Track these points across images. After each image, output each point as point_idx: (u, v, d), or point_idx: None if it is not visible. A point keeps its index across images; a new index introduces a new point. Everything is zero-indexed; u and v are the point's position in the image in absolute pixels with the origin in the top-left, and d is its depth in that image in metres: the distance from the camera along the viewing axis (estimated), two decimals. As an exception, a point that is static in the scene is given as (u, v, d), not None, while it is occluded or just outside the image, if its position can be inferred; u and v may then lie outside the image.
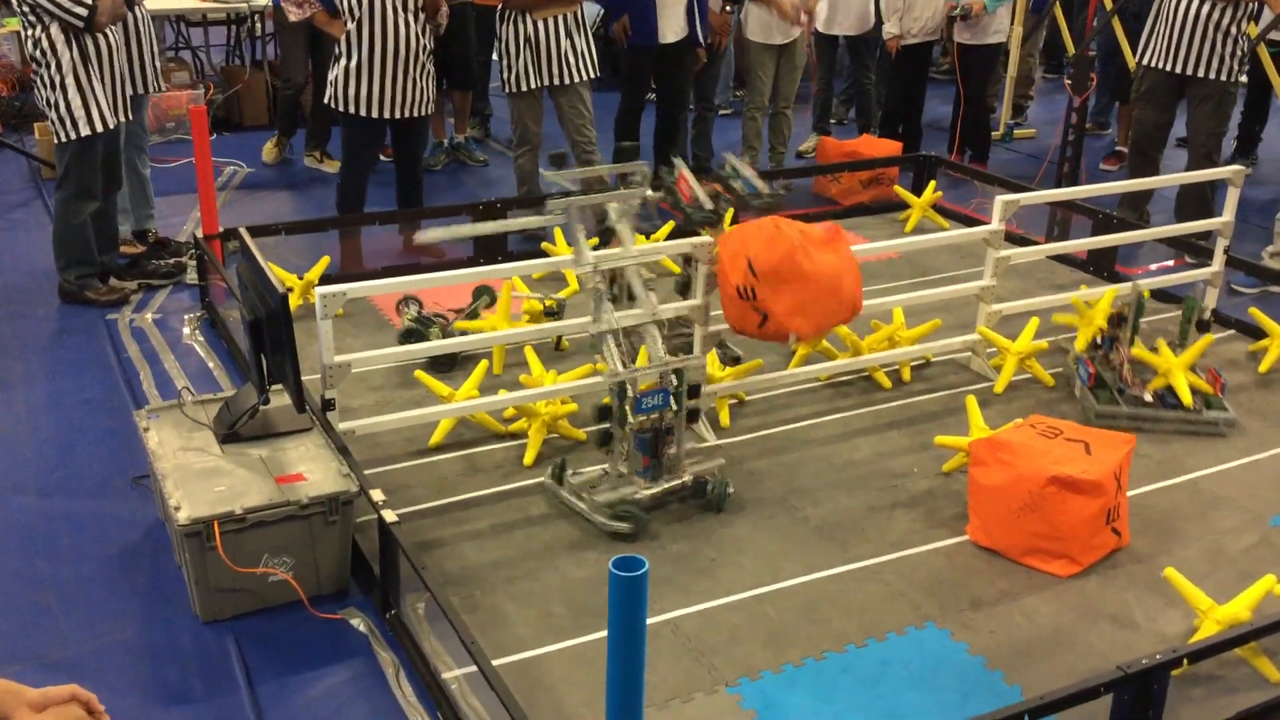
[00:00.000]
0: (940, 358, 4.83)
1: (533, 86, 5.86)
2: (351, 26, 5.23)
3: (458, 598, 3.24)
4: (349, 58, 5.30)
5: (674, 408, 3.66)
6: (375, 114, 5.39)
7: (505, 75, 5.90)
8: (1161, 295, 5.36)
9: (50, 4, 4.74)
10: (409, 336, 4.68)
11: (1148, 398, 4.40)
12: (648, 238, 5.70)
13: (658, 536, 3.62)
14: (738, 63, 9.06)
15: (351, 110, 5.39)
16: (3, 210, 6.54)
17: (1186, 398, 4.36)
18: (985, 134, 7.70)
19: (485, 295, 4.99)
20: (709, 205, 4.05)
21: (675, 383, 3.67)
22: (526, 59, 5.80)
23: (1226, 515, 3.81)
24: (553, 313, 4.99)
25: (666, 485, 3.72)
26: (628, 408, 3.60)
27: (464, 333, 4.67)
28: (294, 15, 5.35)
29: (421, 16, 5.35)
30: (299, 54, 7.26)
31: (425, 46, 5.42)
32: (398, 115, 5.45)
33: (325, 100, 5.48)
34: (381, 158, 6.46)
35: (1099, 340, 4.65)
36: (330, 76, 5.39)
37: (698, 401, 3.82)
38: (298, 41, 7.11)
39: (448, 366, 4.58)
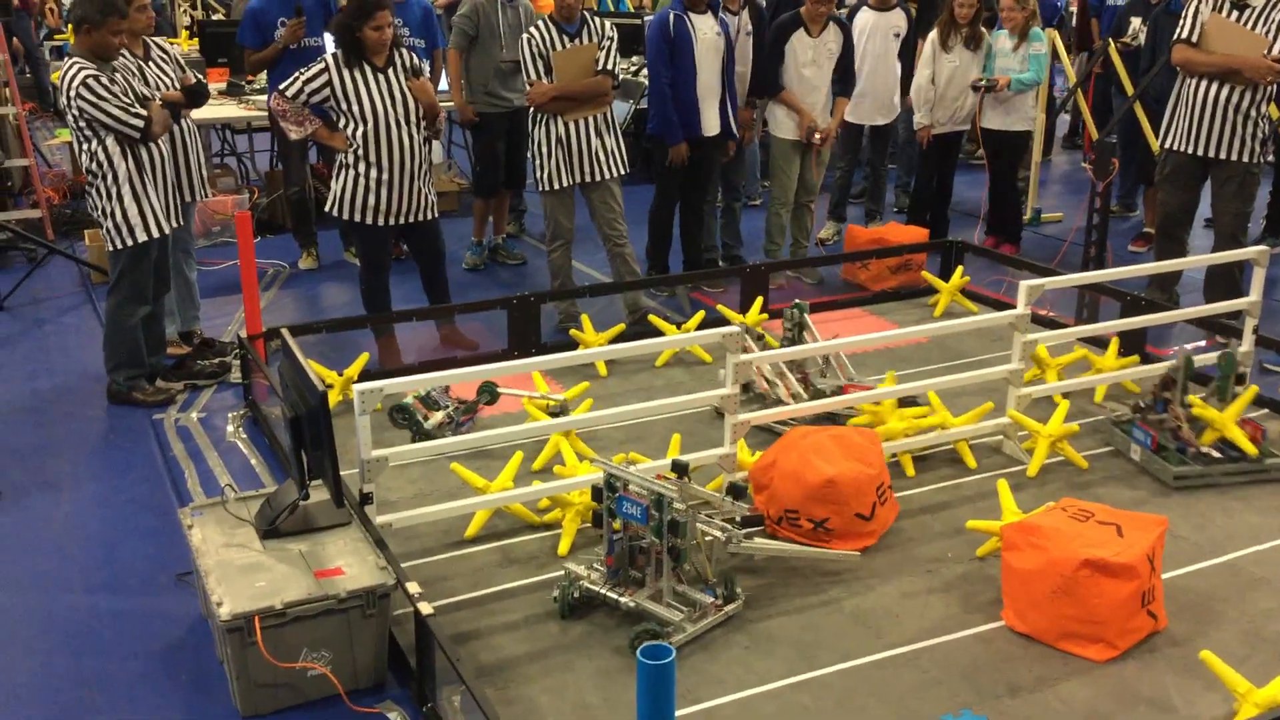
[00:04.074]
0: (972, 441, 4.84)
1: (565, 184, 6.03)
2: (356, 139, 5.33)
3: (493, 689, 3.27)
4: (354, 170, 5.39)
5: (656, 540, 3.48)
6: (383, 222, 5.49)
7: (538, 174, 6.07)
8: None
9: (108, 119, 4.97)
10: (400, 411, 4.83)
11: (1215, 454, 4.49)
12: (679, 327, 5.80)
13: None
14: (763, 156, 9.23)
15: (358, 219, 5.48)
16: (54, 315, 6.76)
17: (1249, 447, 4.51)
18: (1016, 218, 7.80)
19: (486, 393, 5.04)
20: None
21: (655, 515, 3.45)
22: (559, 158, 5.98)
23: (1265, 596, 3.77)
24: (556, 414, 4.95)
25: (626, 601, 3.56)
26: (609, 505, 3.58)
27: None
28: (295, 134, 5.45)
29: (422, 125, 5.47)
30: (298, 154, 7.50)
31: (427, 154, 5.55)
32: (404, 221, 5.54)
33: (328, 209, 5.55)
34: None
35: (1145, 404, 4.72)
36: (335, 187, 5.48)
37: (680, 542, 3.46)
38: (295, 146, 7.34)
39: (414, 428, 4.81)
